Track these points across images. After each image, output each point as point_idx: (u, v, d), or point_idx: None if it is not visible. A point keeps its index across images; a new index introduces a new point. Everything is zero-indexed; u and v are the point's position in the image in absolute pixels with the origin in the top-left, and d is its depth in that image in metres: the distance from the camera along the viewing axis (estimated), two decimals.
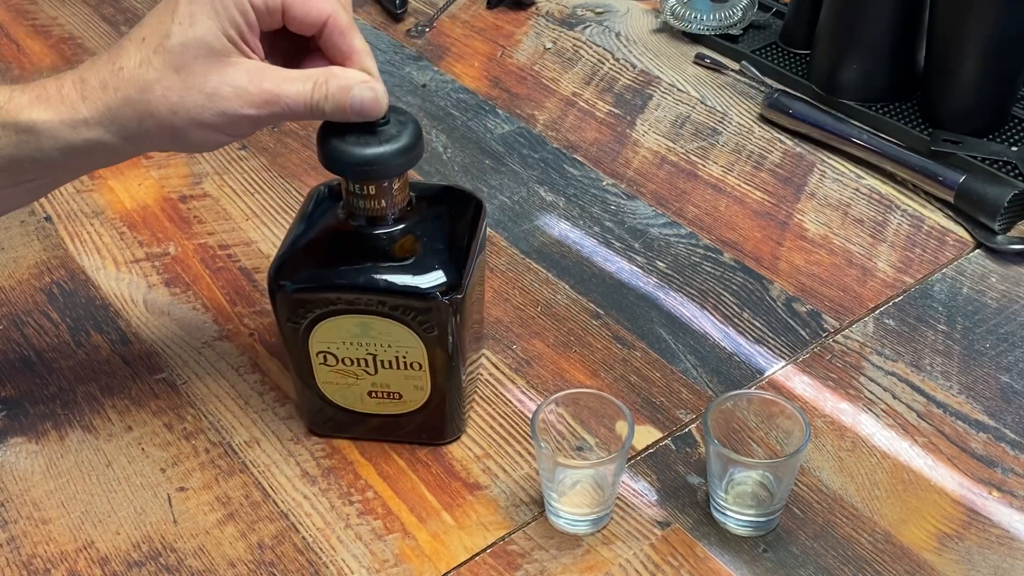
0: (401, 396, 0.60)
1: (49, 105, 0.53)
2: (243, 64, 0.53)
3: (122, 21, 1.10)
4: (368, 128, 0.54)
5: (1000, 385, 0.67)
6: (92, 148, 0.53)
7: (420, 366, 0.59)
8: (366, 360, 0.59)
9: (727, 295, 0.74)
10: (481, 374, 0.68)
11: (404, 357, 0.58)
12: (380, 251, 0.58)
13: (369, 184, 0.56)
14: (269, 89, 0.52)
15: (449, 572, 0.56)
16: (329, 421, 0.63)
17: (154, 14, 0.53)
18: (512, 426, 0.64)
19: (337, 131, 0.54)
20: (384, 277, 0.56)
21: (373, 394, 0.60)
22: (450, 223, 0.60)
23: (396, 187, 0.57)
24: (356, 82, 0.54)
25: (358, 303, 0.57)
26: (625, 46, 1.04)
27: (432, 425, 0.62)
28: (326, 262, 0.58)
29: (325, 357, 0.59)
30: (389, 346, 0.58)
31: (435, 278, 0.56)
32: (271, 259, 0.59)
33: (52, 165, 0.55)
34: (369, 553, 0.57)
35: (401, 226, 0.58)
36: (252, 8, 0.53)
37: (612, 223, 0.81)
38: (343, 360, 0.59)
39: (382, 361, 0.59)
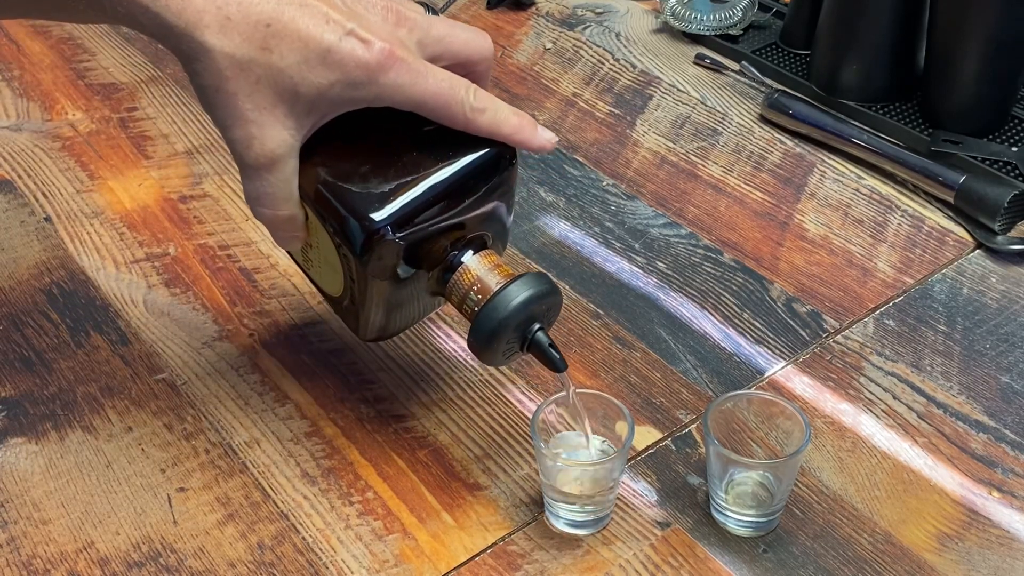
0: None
1: None
2: None
3: None
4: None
5: (1000, 385, 0.67)
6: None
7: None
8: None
9: (727, 295, 0.74)
10: (478, 372, 0.68)
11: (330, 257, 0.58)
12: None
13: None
14: None
15: (449, 572, 0.56)
16: None
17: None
18: (512, 426, 0.64)
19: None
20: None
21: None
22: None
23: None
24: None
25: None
26: (625, 46, 1.04)
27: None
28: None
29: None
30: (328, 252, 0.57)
31: (387, 212, 0.54)
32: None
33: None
34: (369, 554, 0.57)
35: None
36: None
37: (612, 223, 0.81)
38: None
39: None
